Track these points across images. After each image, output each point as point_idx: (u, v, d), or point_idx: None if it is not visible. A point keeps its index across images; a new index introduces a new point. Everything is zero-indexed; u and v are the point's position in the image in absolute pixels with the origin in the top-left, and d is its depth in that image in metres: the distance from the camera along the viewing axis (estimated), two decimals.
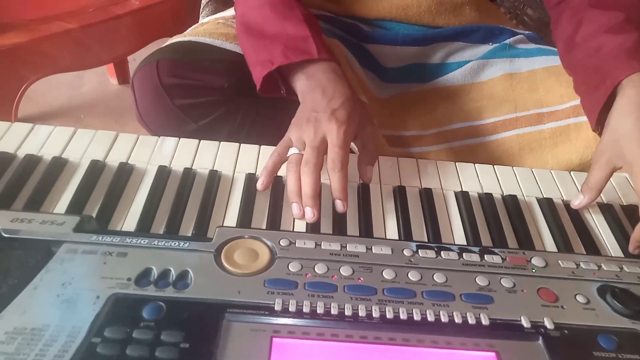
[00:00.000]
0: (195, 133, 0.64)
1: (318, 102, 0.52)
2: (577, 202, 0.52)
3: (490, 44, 0.76)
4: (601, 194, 0.55)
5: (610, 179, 0.57)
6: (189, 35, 0.66)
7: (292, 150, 0.50)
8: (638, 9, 0.59)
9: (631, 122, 0.50)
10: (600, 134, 0.57)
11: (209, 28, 0.69)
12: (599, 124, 0.56)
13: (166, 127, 0.63)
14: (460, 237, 0.48)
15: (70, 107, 1.40)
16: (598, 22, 0.59)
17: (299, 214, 0.47)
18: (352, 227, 0.48)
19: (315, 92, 0.53)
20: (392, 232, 0.48)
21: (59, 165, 0.50)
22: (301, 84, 0.56)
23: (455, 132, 0.73)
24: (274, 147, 0.56)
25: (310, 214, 0.46)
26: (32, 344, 0.31)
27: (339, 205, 0.48)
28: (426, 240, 0.47)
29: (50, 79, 1.37)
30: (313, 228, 0.47)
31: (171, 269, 0.37)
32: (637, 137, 0.49)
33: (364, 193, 0.51)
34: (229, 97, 0.65)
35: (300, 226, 0.48)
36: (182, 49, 0.64)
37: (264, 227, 0.47)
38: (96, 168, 0.50)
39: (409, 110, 0.77)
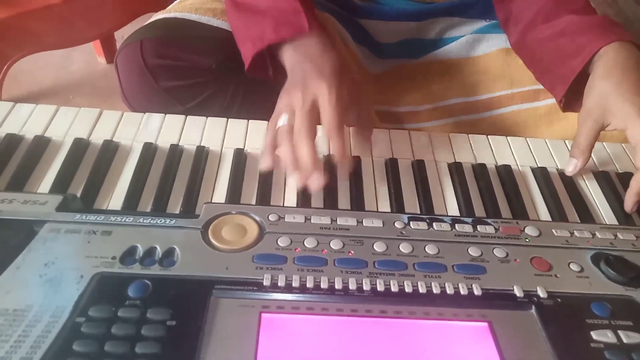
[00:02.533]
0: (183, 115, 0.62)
1: (307, 69, 0.50)
2: (571, 168, 0.51)
3: (488, 20, 0.74)
4: (596, 162, 0.54)
5: (606, 147, 0.57)
6: (174, 10, 0.64)
7: (281, 121, 0.48)
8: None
9: (617, 80, 0.49)
10: (563, 108, 0.58)
11: (196, 3, 0.67)
12: (565, 96, 0.56)
13: (152, 110, 0.61)
14: (453, 209, 0.48)
15: (58, 88, 1.37)
16: (560, 6, 0.59)
17: (301, 185, 0.44)
18: (344, 200, 0.47)
19: (305, 62, 0.51)
20: (384, 205, 0.47)
21: (41, 144, 0.49)
22: (289, 56, 0.54)
23: (450, 108, 0.72)
24: (264, 121, 0.55)
25: (315, 183, 0.43)
26: (15, 325, 0.30)
27: (344, 171, 0.46)
28: (419, 213, 0.46)
29: (38, 59, 1.33)
30: (303, 202, 0.46)
31: (157, 246, 0.36)
32: (626, 92, 0.48)
33: (355, 166, 0.50)
34: (217, 77, 0.63)
35: (291, 201, 0.47)
36: (167, 27, 0.61)
37: (253, 202, 0.46)
38: (80, 146, 0.49)
39: (402, 85, 0.76)
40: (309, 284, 0.35)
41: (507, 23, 0.68)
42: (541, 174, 0.52)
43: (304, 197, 0.47)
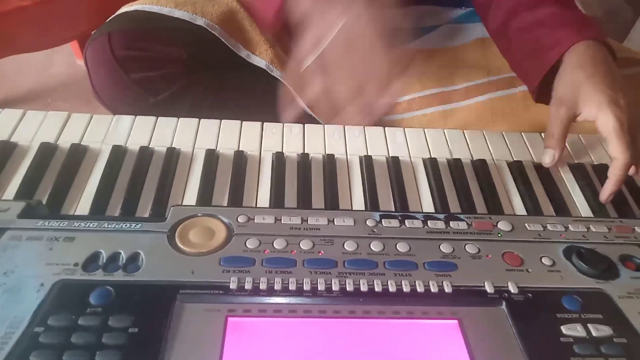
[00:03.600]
0: (155, 108, 0.61)
1: None
2: (548, 160, 0.51)
3: (463, 7, 0.74)
4: (572, 154, 0.54)
5: (581, 139, 0.56)
6: (138, 3, 0.63)
7: None
8: None
9: (589, 71, 0.50)
10: (536, 99, 0.58)
11: None
12: (538, 87, 0.57)
13: (124, 103, 0.60)
14: (428, 205, 0.47)
15: (38, 91, 1.35)
16: None
17: None
18: (318, 199, 0.47)
19: None
20: (359, 203, 0.47)
21: (7, 150, 0.48)
22: None
23: (427, 99, 0.72)
24: (237, 120, 0.54)
25: None
26: None
27: None
28: (393, 210, 0.46)
29: (19, 63, 1.31)
30: (276, 203, 0.45)
31: (121, 251, 0.36)
32: (598, 83, 0.49)
33: (329, 164, 0.50)
34: (189, 68, 0.62)
35: (263, 201, 0.46)
36: (134, 19, 0.60)
37: (225, 204, 0.45)
38: (47, 151, 0.48)
39: None
40: (277, 286, 0.34)
41: (486, 8, 0.67)
42: (517, 167, 0.52)
43: (277, 197, 0.46)
